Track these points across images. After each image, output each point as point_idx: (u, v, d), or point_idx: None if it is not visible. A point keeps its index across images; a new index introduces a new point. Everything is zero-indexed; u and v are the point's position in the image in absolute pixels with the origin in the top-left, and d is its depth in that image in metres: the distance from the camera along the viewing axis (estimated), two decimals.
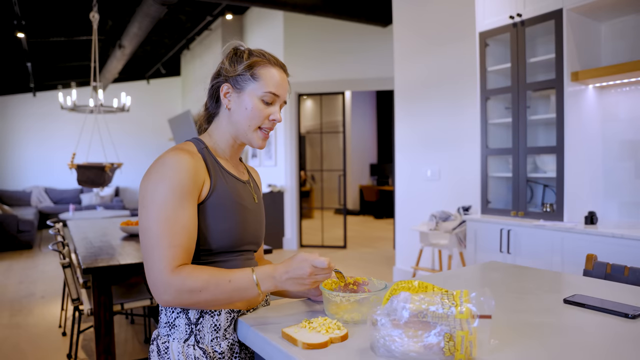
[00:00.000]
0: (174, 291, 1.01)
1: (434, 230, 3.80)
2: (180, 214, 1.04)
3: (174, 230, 1.02)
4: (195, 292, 1.01)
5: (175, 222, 1.03)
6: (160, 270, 1.01)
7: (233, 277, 1.03)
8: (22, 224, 7.05)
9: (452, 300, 0.82)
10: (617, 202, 2.98)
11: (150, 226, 1.03)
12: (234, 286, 1.02)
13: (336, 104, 9.73)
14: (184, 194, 1.05)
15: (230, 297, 1.04)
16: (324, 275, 1.01)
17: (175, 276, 1.00)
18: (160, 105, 10.85)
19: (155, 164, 1.08)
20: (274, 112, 1.17)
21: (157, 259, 1.01)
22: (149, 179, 1.06)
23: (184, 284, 1.00)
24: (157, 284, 1.01)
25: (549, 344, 0.93)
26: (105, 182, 5.00)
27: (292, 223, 6.82)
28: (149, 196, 1.04)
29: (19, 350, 3.15)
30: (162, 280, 1.00)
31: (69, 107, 6.08)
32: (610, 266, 1.56)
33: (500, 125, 3.36)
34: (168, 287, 1.00)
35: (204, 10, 7.40)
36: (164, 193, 1.03)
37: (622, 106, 2.94)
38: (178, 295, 1.01)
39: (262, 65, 1.15)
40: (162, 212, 1.02)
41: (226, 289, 1.02)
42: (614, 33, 2.96)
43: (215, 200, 1.12)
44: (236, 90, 1.16)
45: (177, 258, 1.02)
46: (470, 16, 3.80)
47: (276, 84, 1.16)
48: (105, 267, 2.22)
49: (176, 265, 1.02)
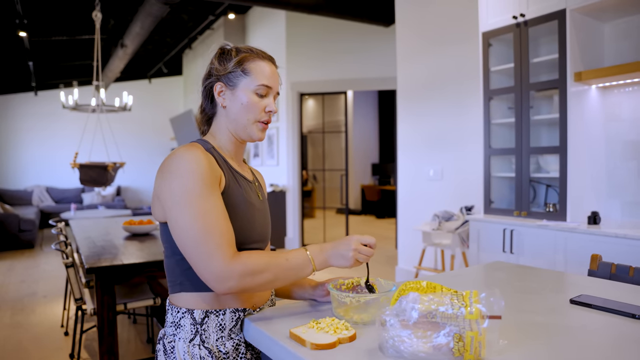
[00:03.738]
0: (237, 276, 1.01)
1: (437, 230, 3.80)
2: (217, 203, 1.05)
3: (218, 220, 1.03)
4: (257, 274, 1.03)
5: (215, 211, 1.04)
6: (220, 259, 1.00)
7: (289, 256, 1.07)
8: (23, 223, 7.06)
9: (462, 300, 0.82)
10: (620, 202, 2.98)
11: (192, 221, 1.02)
12: (291, 264, 1.07)
13: (338, 103, 9.73)
14: (211, 183, 1.06)
15: (288, 276, 1.08)
16: (365, 254, 1.08)
17: (236, 262, 1.02)
18: (162, 104, 10.86)
19: (170, 162, 1.06)
20: (269, 104, 1.19)
21: (214, 250, 1.01)
22: (172, 176, 1.05)
23: (246, 268, 1.02)
24: (220, 273, 1.00)
25: (556, 344, 0.93)
26: (107, 181, 5.01)
27: (294, 222, 6.82)
28: (177, 192, 1.03)
29: (22, 349, 3.15)
30: (224, 268, 1.00)
31: (71, 107, 6.09)
32: (615, 266, 1.56)
33: (503, 125, 3.35)
34: (232, 273, 1.01)
35: (206, 9, 7.39)
36: (194, 185, 1.03)
37: (625, 106, 2.94)
38: (241, 279, 1.02)
39: (252, 60, 1.17)
40: (198, 205, 1.02)
41: (285, 267, 1.06)
42: (617, 33, 2.96)
43: (228, 197, 1.12)
44: (229, 88, 1.17)
45: (231, 244, 1.04)
46: (474, 16, 3.80)
47: (268, 76, 1.17)
48: (109, 267, 2.22)
49: (233, 251, 1.03)
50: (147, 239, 2.96)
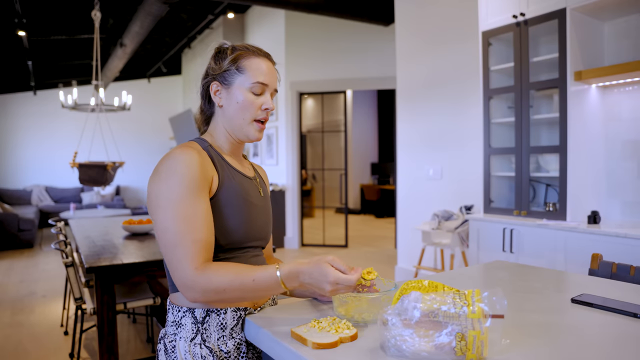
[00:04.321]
0: (200, 290, 1.00)
1: (437, 230, 3.80)
2: (198, 209, 1.04)
3: (194, 226, 1.02)
4: (220, 292, 1.01)
5: (194, 217, 1.03)
6: (185, 269, 1.00)
7: (257, 276, 1.01)
8: (22, 223, 7.05)
9: (464, 299, 0.82)
10: (620, 201, 2.98)
11: (169, 225, 1.02)
12: (258, 285, 1.01)
13: (337, 103, 9.73)
14: (198, 188, 1.05)
15: (256, 296, 1.04)
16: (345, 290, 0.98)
17: (200, 275, 1.00)
18: (161, 104, 10.85)
19: (163, 163, 1.07)
20: (266, 102, 1.16)
21: (182, 257, 1.00)
22: (160, 178, 1.05)
23: (209, 284, 1.00)
24: (184, 283, 1.01)
25: (558, 344, 0.93)
26: (107, 180, 5.01)
27: (294, 222, 6.82)
28: (162, 195, 1.04)
29: (22, 349, 3.14)
30: (188, 279, 1.00)
31: (70, 106, 6.08)
32: (616, 266, 1.56)
33: (503, 125, 3.35)
34: (195, 285, 1.00)
35: (205, 8, 7.39)
36: (178, 189, 1.03)
37: (625, 106, 2.94)
38: (205, 294, 1.01)
39: (246, 57, 1.15)
40: (179, 209, 1.02)
41: (251, 288, 1.01)
42: (617, 32, 2.96)
43: (224, 196, 1.12)
44: (225, 87, 1.16)
45: (201, 254, 1.02)
46: (473, 15, 3.80)
47: (263, 73, 1.15)
48: (108, 266, 2.22)
49: (200, 261, 1.01)
50: (146, 238, 2.95)
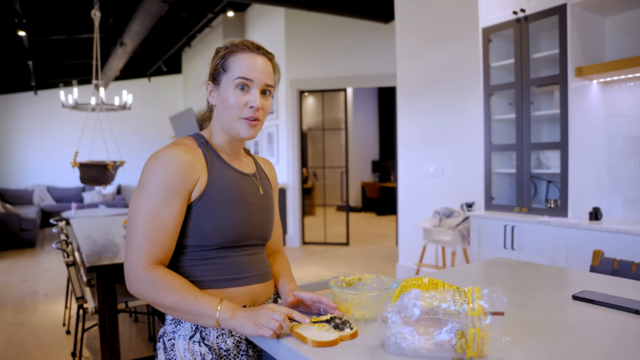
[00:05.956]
0: (141, 285, 1.04)
1: (438, 227, 3.80)
2: (163, 211, 1.06)
3: (154, 227, 1.05)
4: (161, 292, 1.03)
5: (156, 218, 1.05)
6: (134, 263, 1.04)
7: (201, 298, 1.03)
8: (24, 223, 7.06)
9: (464, 297, 0.82)
10: (622, 197, 2.97)
11: (137, 214, 1.07)
12: (196, 309, 1.02)
13: (338, 100, 9.73)
14: (171, 191, 1.07)
15: (188, 313, 1.04)
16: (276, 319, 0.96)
17: (147, 273, 1.04)
18: (161, 103, 10.84)
19: (151, 157, 1.10)
20: (251, 99, 1.13)
21: (134, 251, 1.05)
22: (144, 171, 1.09)
23: (154, 283, 1.03)
24: (129, 274, 1.05)
25: (559, 341, 0.93)
26: (108, 180, 5.01)
27: (295, 220, 6.82)
28: (140, 187, 1.08)
29: (24, 348, 3.15)
30: (134, 272, 1.04)
31: (71, 106, 6.08)
32: (618, 262, 1.56)
33: (504, 121, 3.35)
34: (137, 280, 1.04)
35: (205, 7, 7.38)
36: (153, 187, 1.06)
37: (626, 101, 2.93)
38: (146, 288, 1.04)
39: (232, 54, 1.14)
40: (147, 205, 1.06)
41: (188, 303, 1.02)
42: (618, 28, 2.94)
43: (215, 195, 1.12)
44: (216, 86, 1.17)
45: (152, 254, 1.05)
46: (473, 12, 3.79)
47: (246, 68, 1.12)
48: (109, 265, 2.22)
49: (150, 261, 1.05)
50: None
